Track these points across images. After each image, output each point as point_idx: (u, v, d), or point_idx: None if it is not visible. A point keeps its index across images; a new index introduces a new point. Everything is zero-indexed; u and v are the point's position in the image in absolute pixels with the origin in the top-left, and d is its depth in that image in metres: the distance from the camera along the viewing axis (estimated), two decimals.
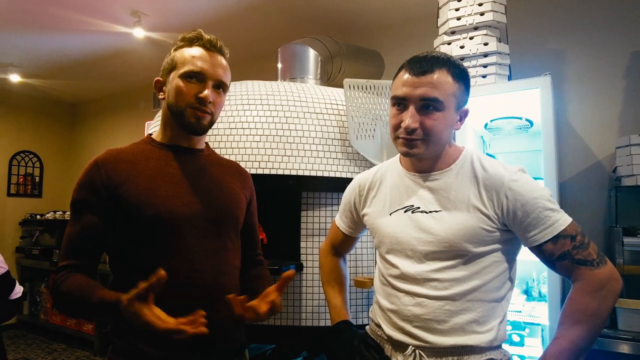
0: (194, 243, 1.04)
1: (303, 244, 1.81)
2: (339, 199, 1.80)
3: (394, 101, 1.04)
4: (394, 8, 2.90)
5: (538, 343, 1.80)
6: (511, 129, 2.09)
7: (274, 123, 1.82)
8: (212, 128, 1.15)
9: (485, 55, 1.96)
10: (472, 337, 0.99)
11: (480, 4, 1.98)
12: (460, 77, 1.02)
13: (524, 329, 1.80)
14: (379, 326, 1.12)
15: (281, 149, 1.79)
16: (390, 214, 1.11)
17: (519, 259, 1.09)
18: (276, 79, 2.54)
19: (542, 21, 2.52)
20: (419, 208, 1.06)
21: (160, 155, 1.09)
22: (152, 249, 1.00)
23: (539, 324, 1.79)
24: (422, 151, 1.02)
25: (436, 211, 1.04)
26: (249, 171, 1.31)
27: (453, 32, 2.06)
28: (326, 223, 1.83)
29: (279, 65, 2.55)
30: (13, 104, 4.99)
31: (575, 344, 0.92)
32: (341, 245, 1.35)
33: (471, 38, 2.00)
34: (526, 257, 1.16)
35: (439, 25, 2.16)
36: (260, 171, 1.77)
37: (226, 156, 1.75)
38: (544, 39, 2.49)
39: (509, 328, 1.74)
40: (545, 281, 1.84)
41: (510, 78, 2.01)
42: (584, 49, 2.38)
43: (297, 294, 1.79)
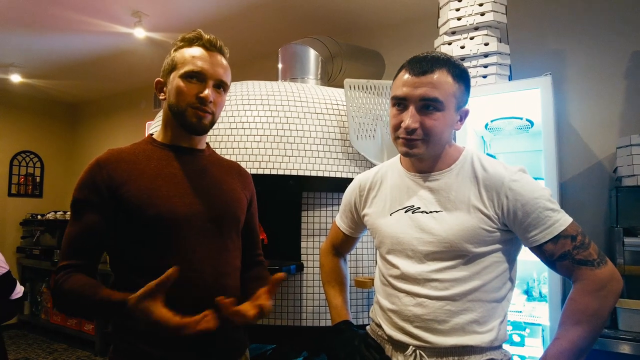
0: (194, 243, 1.04)
1: (303, 244, 1.82)
2: (339, 199, 1.80)
3: (394, 101, 1.04)
4: (394, 8, 2.90)
5: (539, 343, 1.80)
6: (512, 129, 2.09)
7: (274, 123, 1.83)
8: (213, 128, 1.15)
9: (486, 55, 1.96)
10: (472, 337, 0.99)
11: (481, 4, 1.98)
12: (461, 78, 1.02)
13: (525, 329, 1.80)
14: (379, 326, 1.12)
15: (282, 149, 1.80)
16: (391, 214, 1.11)
17: (519, 259, 1.09)
18: (277, 79, 2.54)
19: (543, 21, 2.52)
20: (420, 208, 1.06)
21: (162, 156, 1.09)
22: (153, 249, 1.00)
23: (539, 324, 1.79)
24: (423, 151, 1.02)
25: (436, 211, 1.04)
26: (249, 171, 1.31)
27: (453, 32, 2.06)
28: (327, 223, 1.83)
29: (280, 66, 2.55)
30: (14, 104, 5.00)
31: (575, 344, 0.92)
32: (342, 246, 1.35)
33: (472, 38, 2.00)
34: (527, 257, 1.16)
35: (439, 25, 2.16)
36: (260, 171, 1.77)
37: (227, 156, 1.76)
38: (544, 39, 2.49)
39: (509, 328, 1.74)
40: (545, 281, 1.84)
41: (510, 78, 2.01)
42: (585, 49, 2.38)
43: (298, 294, 1.79)
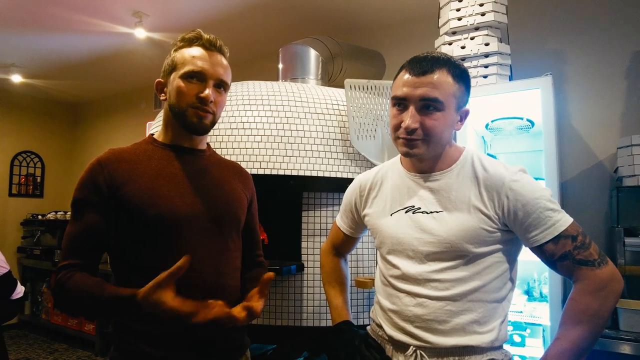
0: (195, 243, 1.04)
1: (304, 244, 1.81)
2: (340, 199, 1.80)
3: (395, 101, 1.04)
4: (394, 8, 2.90)
5: (539, 343, 1.79)
6: (512, 129, 2.09)
7: (275, 123, 1.83)
8: (213, 128, 1.15)
9: (486, 55, 1.96)
10: (473, 338, 0.99)
11: (481, 4, 1.98)
12: (461, 78, 1.02)
13: (525, 329, 1.80)
14: (380, 326, 1.12)
15: (282, 149, 1.80)
16: (391, 215, 1.11)
17: (520, 259, 1.08)
18: (277, 79, 2.54)
19: (543, 21, 2.51)
20: (420, 209, 1.06)
21: (163, 156, 1.09)
22: (154, 249, 1.00)
23: (540, 325, 1.79)
24: (423, 151, 1.02)
25: (437, 212, 1.04)
26: (250, 171, 1.31)
27: (454, 33, 2.06)
28: (327, 223, 1.83)
29: (280, 66, 2.55)
30: (15, 105, 5.00)
31: (576, 345, 0.92)
32: (342, 246, 1.35)
33: (472, 38, 2.00)
34: (527, 258, 1.16)
35: (440, 25, 2.16)
36: (261, 171, 1.77)
37: (227, 156, 1.76)
38: (544, 39, 2.49)
39: (510, 328, 1.74)
40: (546, 281, 1.84)
41: (511, 78, 2.01)
42: (585, 49, 2.38)
43: (298, 294, 1.79)
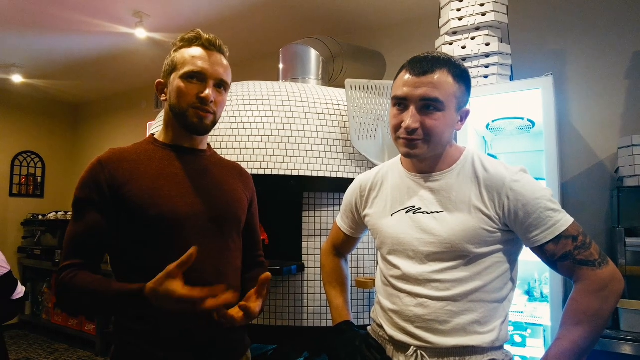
0: (196, 243, 1.02)
1: (304, 245, 1.81)
2: (340, 199, 1.80)
3: (395, 101, 1.04)
4: (395, 8, 2.90)
5: (540, 344, 1.79)
6: (513, 129, 2.08)
7: (275, 123, 1.83)
8: (214, 128, 1.15)
9: (487, 55, 1.96)
10: (473, 338, 0.99)
11: (482, 5, 1.98)
12: (461, 78, 1.02)
13: (526, 329, 1.79)
14: (380, 327, 1.12)
15: (282, 149, 1.80)
16: (392, 215, 1.11)
17: (520, 259, 1.08)
18: (278, 80, 2.54)
19: (543, 22, 2.51)
20: (421, 209, 1.06)
21: (163, 156, 1.09)
22: (155, 249, 1.00)
23: (540, 325, 1.79)
24: (424, 152, 1.02)
25: (437, 212, 1.04)
26: (250, 171, 1.31)
27: (455, 33, 2.06)
28: (327, 223, 1.83)
29: (281, 66, 2.55)
30: (15, 105, 5.00)
31: (577, 345, 0.92)
32: (343, 246, 1.35)
33: (473, 38, 2.00)
34: (528, 258, 1.16)
35: (440, 25, 2.16)
36: (261, 171, 1.77)
37: (228, 156, 1.76)
38: (545, 39, 2.49)
39: (510, 329, 1.74)
40: (547, 282, 1.84)
41: (512, 78, 2.01)
42: (585, 49, 2.38)
43: (299, 294, 1.79)
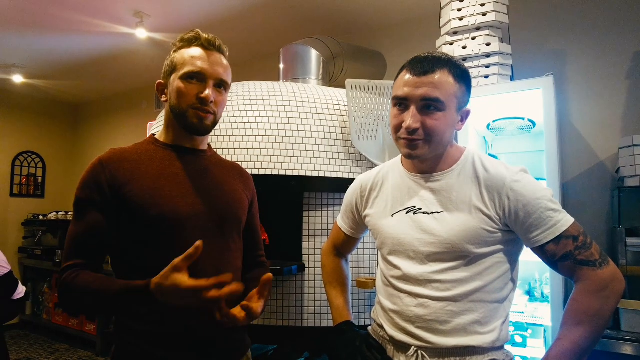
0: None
1: (305, 245, 1.81)
2: (341, 199, 1.80)
3: (396, 101, 1.04)
4: (396, 8, 2.90)
5: (540, 344, 1.79)
6: (514, 129, 2.08)
7: (276, 123, 1.82)
8: (214, 129, 1.15)
9: (488, 55, 1.96)
10: (474, 338, 0.99)
11: (483, 5, 1.98)
12: (462, 78, 1.02)
13: (527, 329, 1.79)
14: (381, 327, 1.12)
15: (283, 149, 1.80)
16: (392, 215, 1.11)
17: (521, 259, 1.08)
18: (278, 80, 2.54)
19: (544, 21, 2.51)
20: (421, 209, 1.06)
21: (164, 156, 1.09)
22: (156, 249, 1.00)
23: (541, 325, 1.79)
24: (425, 152, 1.02)
25: (438, 212, 1.04)
26: (251, 171, 1.31)
27: (455, 33, 2.06)
28: (328, 224, 1.82)
29: (281, 66, 2.55)
30: (16, 105, 5.01)
31: (577, 345, 0.92)
32: (343, 246, 1.35)
33: (473, 38, 2.00)
34: (528, 258, 1.16)
35: (441, 25, 2.16)
36: (262, 171, 1.77)
37: (228, 157, 1.76)
38: (545, 39, 2.49)
39: (511, 329, 1.74)
40: (547, 282, 1.84)
41: (512, 78, 2.00)
42: (586, 50, 2.37)
43: (299, 294, 1.79)
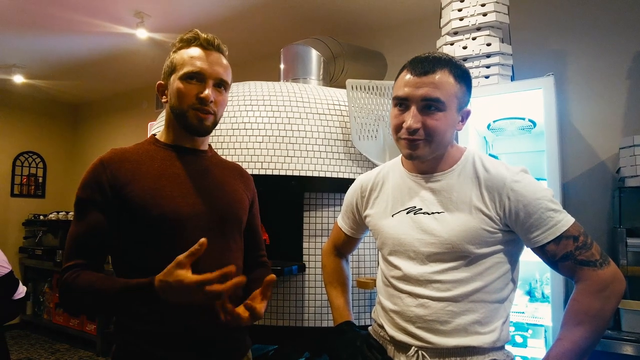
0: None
1: (305, 245, 1.81)
2: (341, 199, 1.80)
3: (396, 101, 1.04)
4: (396, 9, 2.90)
5: (541, 344, 1.79)
6: (514, 129, 2.08)
7: (276, 124, 1.83)
8: (215, 129, 1.15)
9: (488, 55, 1.96)
10: (475, 338, 0.99)
11: (483, 5, 1.98)
12: (462, 78, 1.02)
13: (527, 330, 1.79)
14: (381, 327, 1.12)
15: (284, 149, 1.80)
16: (393, 216, 1.11)
17: (521, 259, 1.08)
18: (279, 80, 2.54)
19: (544, 22, 2.51)
20: (421, 209, 1.06)
21: (165, 156, 1.09)
22: (157, 249, 1.00)
23: (542, 325, 1.79)
24: (426, 152, 1.02)
25: (438, 212, 1.04)
26: (251, 172, 1.31)
27: (456, 33, 2.06)
28: (329, 224, 1.83)
29: (282, 66, 2.55)
30: (16, 105, 5.01)
31: (578, 345, 0.92)
32: (343, 246, 1.35)
33: (474, 39, 2.00)
34: (529, 258, 1.16)
35: (441, 25, 2.16)
36: (262, 172, 1.77)
37: (229, 157, 1.76)
38: (545, 39, 2.49)
39: (511, 329, 1.74)
40: (548, 282, 1.84)
41: (513, 79, 2.00)
42: (587, 50, 2.37)
43: (300, 294, 1.79)
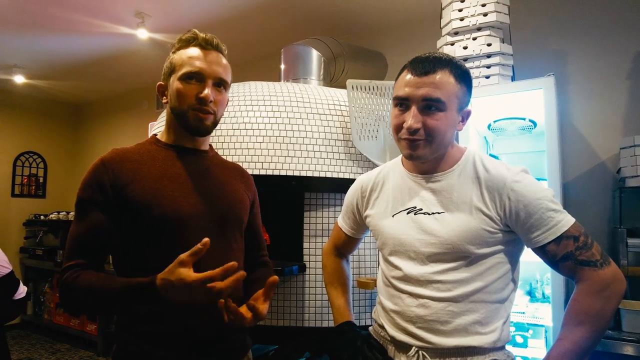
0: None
1: (306, 245, 1.81)
2: (341, 199, 1.80)
3: (396, 101, 1.04)
4: (396, 9, 2.90)
5: (541, 344, 1.79)
6: (514, 129, 2.08)
7: (277, 124, 1.83)
8: (215, 129, 1.15)
9: (489, 55, 1.96)
10: (475, 338, 0.99)
11: (484, 5, 1.98)
12: (463, 78, 1.02)
13: (528, 330, 1.79)
14: (382, 327, 1.12)
15: (284, 149, 1.80)
16: (393, 216, 1.11)
17: (522, 259, 1.08)
18: (279, 80, 2.54)
19: (544, 22, 2.51)
20: (422, 210, 1.06)
21: (166, 156, 1.09)
22: (158, 249, 1.00)
23: (542, 325, 1.79)
24: (426, 153, 1.02)
25: (439, 213, 1.04)
26: (252, 172, 1.31)
27: (456, 33, 2.06)
28: (329, 224, 1.83)
29: (282, 66, 2.55)
30: (17, 105, 5.02)
31: (578, 345, 0.92)
32: (344, 246, 1.35)
33: (474, 39, 2.00)
34: (529, 258, 1.16)
35: (442, 26, 2.16)
36: (263, 172, 1.77)
37: (229, 157, 1.76)
38: (546, 39, 2.49)
39: (512, 329, 1.74)
40: (548, 282, 1.84)
41: (513, 79, 2.00)
42: (587, 50, 2.37)
43: (300, 294, 1.79)
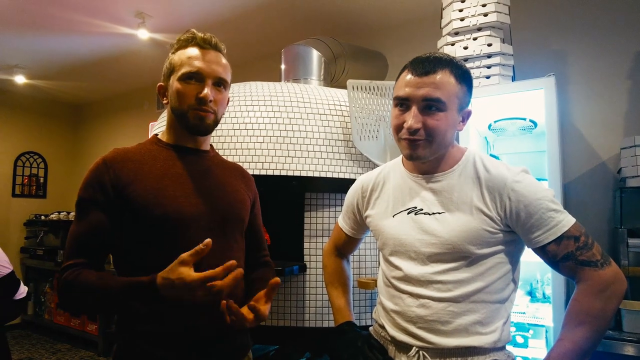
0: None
1: (306, 245, 1.82)
2: (342, 199, 1.80)
3: (397, 102, 1.04)
4: (397, 9, 2.90)
5: (542, 344, 1.79)
6: (515, 129, 2.08)
7: (277, 124, 1.83)
8: (216, 129, 1.15)
9: (489, 56, 1.96)
10: (475, 338, 0.99)
11: (484, 5, 1.98)
12: (463, 78, 1.02)
13: (528, 330, 1.79)
14: (382, 327, 1.12)
15: (284, 149, 1.80)
16: (393, 216, 1.11)
17: (522, 260, 1.08)
18: (280, 80, 2.54)
19: (545, 22, 2.51)
20: (422, 210, 1.06)
21: (167, 156, 1.10)
22: (159, 249, 1.00)
23: (542, 326, 1.79)
24: (427, 153, 1.02)
25: (439, 213, 1.04)
26: (252, 172, 1.31)
27: (457, 33, 2.06)
28: (329, 224, 1.83)
29: (283, 66, 2.55)
30: (18, 105, 5.02)
31: (579, 346, 0.92)
32: (344, 247, 1.35)
33: (475, 39, 2.00)
34: (530, 258, 1.16)
35: (442, 26, 2.16)
36: (263, 172, 1.77)
37: (230, 157, 1.77)
38: (546, 39, 2.49)
39: (512, 329, 1.74)
40: (549, 282, 1.84)
41: (514, 79, 2.00)
42: (587, 50, 2.37)
43: (301, 295, 1.79)
